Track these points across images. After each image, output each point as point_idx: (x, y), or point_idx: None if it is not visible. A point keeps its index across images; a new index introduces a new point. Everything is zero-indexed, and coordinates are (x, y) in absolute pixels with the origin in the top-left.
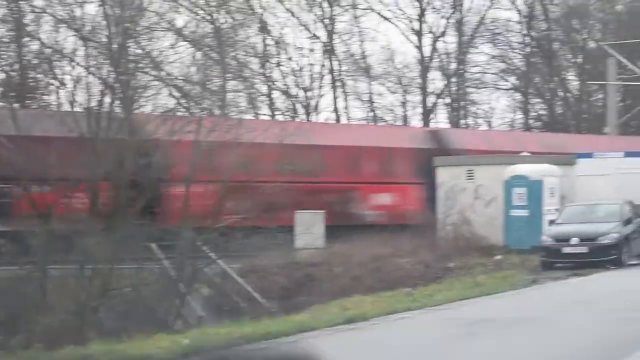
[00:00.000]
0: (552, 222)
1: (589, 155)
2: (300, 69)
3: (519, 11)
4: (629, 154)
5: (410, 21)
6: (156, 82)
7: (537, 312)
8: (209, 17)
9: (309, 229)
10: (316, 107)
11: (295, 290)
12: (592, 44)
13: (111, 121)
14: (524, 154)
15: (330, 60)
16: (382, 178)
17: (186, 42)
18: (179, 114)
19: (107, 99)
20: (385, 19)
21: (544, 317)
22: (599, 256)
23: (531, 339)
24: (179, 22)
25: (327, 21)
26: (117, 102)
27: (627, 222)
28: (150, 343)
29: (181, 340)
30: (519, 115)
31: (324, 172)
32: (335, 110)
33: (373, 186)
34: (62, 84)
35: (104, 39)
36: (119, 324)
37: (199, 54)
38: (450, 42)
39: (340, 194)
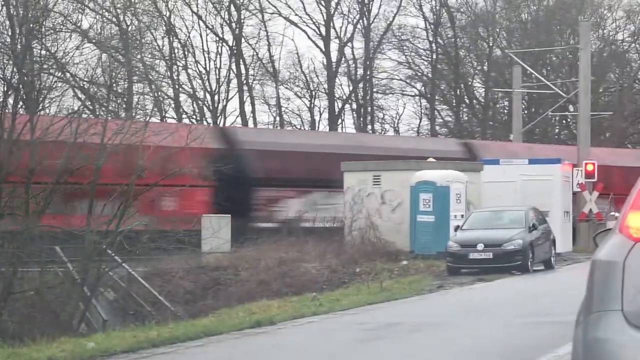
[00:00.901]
0: (458, 228)
1: (494, 162)
2: (207, 73)
3: (425, 18)
4: (533, 161)
5: (318, 26)
6: (61, 84)
7: (442, 317)
8: (115, 19)
9: (216, 232)
10: (223, 110)
11: (201, 294)
12: (497, 52)
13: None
14: (430, 159)
15: (238, 64)
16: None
17: (92, 44)
18: (84, 116)
19: (11, 100)
20: (293, 23)
21: (449, 322)
22: (504, 262)
23: (436, 344)
24: (85, 23)
25: (234, 25)
26: (21, 103)
27: (532, 228)
28: (54, 347)
29: (85, 343)
30: (425, 122)
31: None
32: (242, 114)
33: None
34: None
35: (8, 40)
36: (22, 327)
37: (104, 56)
38: (357, 47)
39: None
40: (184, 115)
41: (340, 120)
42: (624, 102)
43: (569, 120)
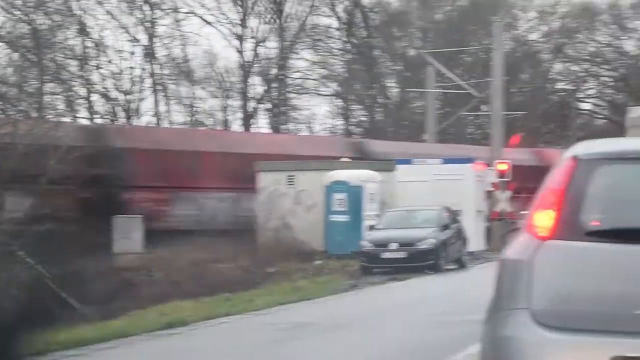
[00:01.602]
0: (372, 228)
1: (408, 162)
2: (121, 72)
3: (339, 18)
4: (447, 161)
5: (233, 26)
6: None
7: (355, 317)
8: (26, 18)
9: (128, 233)
10: (137, 110)
11: (112, 295)
12: (412, 52)
13: None
14: (343, 159)
15: (151, 64)
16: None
17: (2, 43)
18: None
19: None
20: (207, 23)
21: (362, 321)
22: (417, 261)
23: (349, 343)
24: None
25: (148, 24)
26: None
27: (445, 227)
28: None
29: None
30: (340, 122)
31: None
32: (156, 114)
33: None
34: None
35: None
36: None
37: (15, 55)
38: (271, 47)
39: None
40: (96, 116)
41: (254, 121)
42: (537, 102)
43: (482, 120)
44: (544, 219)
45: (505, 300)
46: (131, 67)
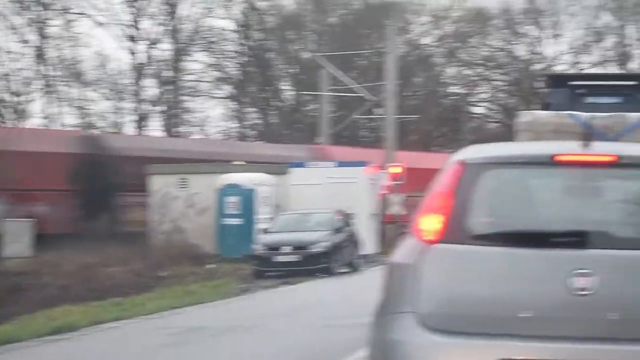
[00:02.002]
0: (264, 231)
1: (301, 165)
2: (10, 73)
3: (234, 20)
4: (340, 164)
5: (125, 27)
6: None
7: (247, 321)
8: None
9: (18, 237)
10: (24, 112)
11: (0, 300)
12: (306, 55)
13: None
14: (237, 162)
15: (42, 65)
16: None
17: None
18: None
19: None
20: (99, 24)
21: (254, 325)
22: (310, 264)
23: (240, 347)
24: None
25: (38, 25)
26: None
27: (338, 230)
28: None
29: None
30: (235, 124)
31: None
32: (47, 116)
33: None
34: None
35: None
36: None
37: None
38: (165, 49)
39: None
40: None
41: (146, 123)
42: (430, 105)
43: (376, 123)
44: (431, 222)
45: (393, 303)
46: (21, 69)
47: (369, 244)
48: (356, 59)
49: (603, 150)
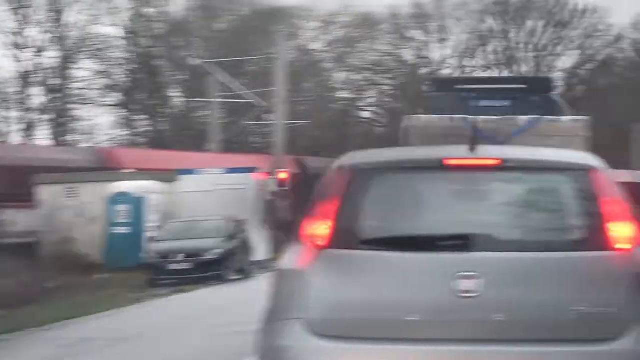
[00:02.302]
0: (155, 239)
1: (190, 172)
2: None
3: (121, 27)
4: (230, 170)
5: (11, 35)
6: None
7: (140, 330)
8: None
9: None
10: None
11: None
12: (195, 61)
13: None
14: (126, 170)
15: None
16: None
17: None
18: None
19: None
20: None
21: (146, 335)
22: (203, 272)
23: (130, 357)
24: None
25: None
26: None
27: (230, 237)
28: None
29: None
30: (125, 132)
31: None
32: None
33: None
34: None
35: None
36: None
37: None
38: (52, 57)
39: None
40: None
41: (33, 132)
42: (319, 111)
43: (267, 129)
44: (318, 228)
45: (281, 310)
46: None
47: (260, 250)
48: (246, 65)
49: (488, 154)
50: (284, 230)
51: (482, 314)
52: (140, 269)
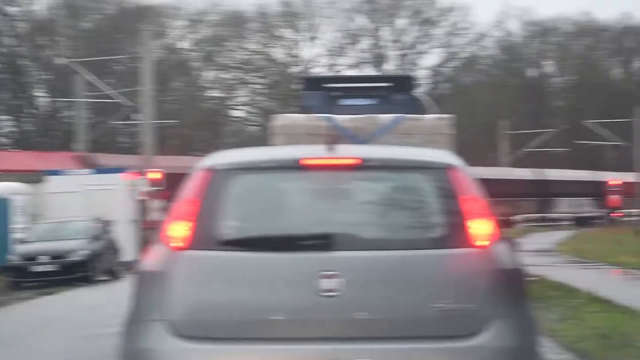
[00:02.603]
0: (21, 241)
1: (57, 172)
2: None
3: None
4: (98, 171)
5: None
6: None
7: (5, 335)
8: None
9: None
10: None
11: None
12: (60, 61)
13: None
14: None
15: None
16: None
17: None
18: None
19: None
20: None
21: (8, 340)
22: (69, 273)
23: None
24: None
25: None
26: None
27: (96, 238)
28: None
29: None
30: None
31: None
32: None
33: None
34: None
35: None
36: None
37: None
38: None
39: None
40: None
41: None
42: (188, 110)
43: (135, 129)
44: (178, 229)
45: (142, 311)
46: None
47: (129, 250)
48: (112, 64)
49: (347, 153)
50: (155, 231)
51: (345, 312)
52: (3, 271)
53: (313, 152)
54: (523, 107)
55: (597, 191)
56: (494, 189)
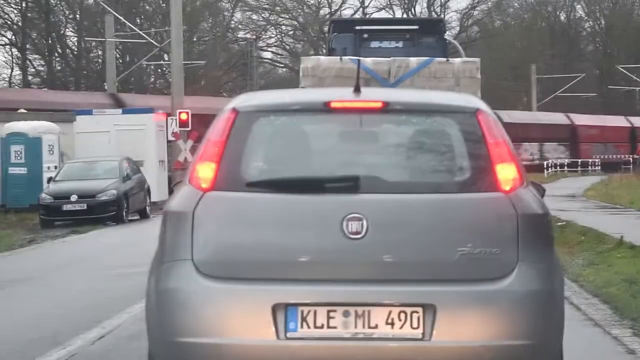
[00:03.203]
0: (51, 180)
1: (88, 112)
2: None
3: None
4: (127, 111)
5: None
6: None
7: (33, 272)
8: None
9: None
10: None
11: None
12: (89, 1)
13: None
14: (21, 110)
15: None
16: None
17: None
18: None
19: None
20: None
21: (40, 277)
22: (99, 212)
23: (23, 301)
24: None
25: None
26: None
27: (126, 178)
28: None
29: None
30: (17, 72)
31: None
32: None
33: None
34: None
35: None
36: None
37: None
38: None
39: None
40: None
41: None
42: (218, 51)
43: (164, 69)
44: (205, 170)
45: (169, 251)
46: None
47: (158, 191)
48: (142, 3)
49: (373, 96)
50: (184, 172)
51: (370, 254)
52: (35, 209)
53: (339, 95)
54: (553, 51)
55: (626, 136)
56: (522, 133)
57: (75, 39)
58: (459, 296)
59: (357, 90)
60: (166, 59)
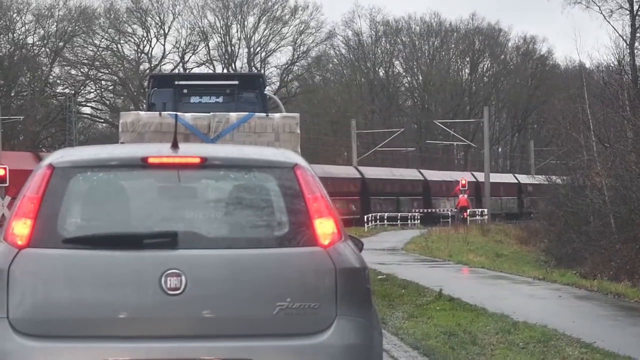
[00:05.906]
0: None
1: None
2: None
3: None
4: None
5: None
6: None
7: None
8: None
9: None
10: None
11: None
12: None
13: None
14: None
15: None
16: None
17: None
18: None
19: None
20: None
21: None
22: None
23: None
24: None
25: None
26: None
27: None
28: None
29: None
30: None
31: None
32: None
33: None
34: None
35: None
36: None
37: None
38: None
39: None
40: None
41: None
42: (36, 106)
43: None
44: (20, 227)
45: None
46: None
47: None
48: None
49: (190, 152)
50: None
51: (189, 310)
52: None
53: (156, 150)
54: (373, 106)
55: (447, 190)
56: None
57: None
58: (277, 351)
59: (174, 145)
60: None
